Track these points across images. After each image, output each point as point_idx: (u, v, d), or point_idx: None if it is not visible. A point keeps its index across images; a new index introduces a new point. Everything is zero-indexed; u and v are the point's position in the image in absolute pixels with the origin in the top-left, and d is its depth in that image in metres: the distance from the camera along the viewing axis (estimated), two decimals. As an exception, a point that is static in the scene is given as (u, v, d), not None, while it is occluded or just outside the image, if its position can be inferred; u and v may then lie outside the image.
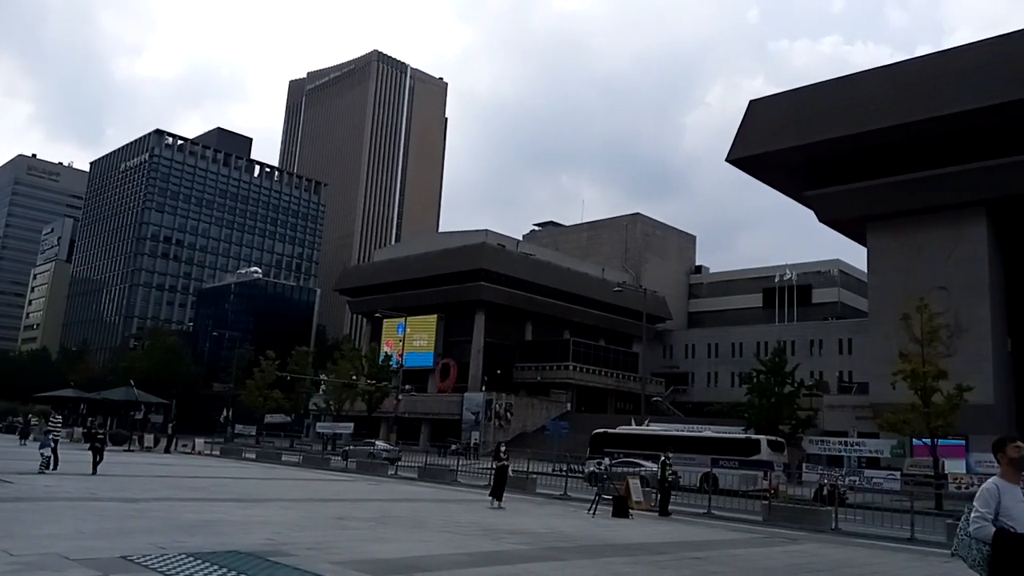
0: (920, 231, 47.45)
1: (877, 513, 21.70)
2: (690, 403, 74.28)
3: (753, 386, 44.53)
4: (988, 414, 41.56)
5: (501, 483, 20.11)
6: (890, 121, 45.71)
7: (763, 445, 33.06)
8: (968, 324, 44.24)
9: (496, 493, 19.91)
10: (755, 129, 52.66)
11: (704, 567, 11.67)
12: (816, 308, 78.70)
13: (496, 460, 20.87)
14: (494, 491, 20.03)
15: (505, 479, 20.51)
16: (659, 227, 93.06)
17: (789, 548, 14.96)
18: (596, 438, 38.84)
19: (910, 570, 12.89)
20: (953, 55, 46.65)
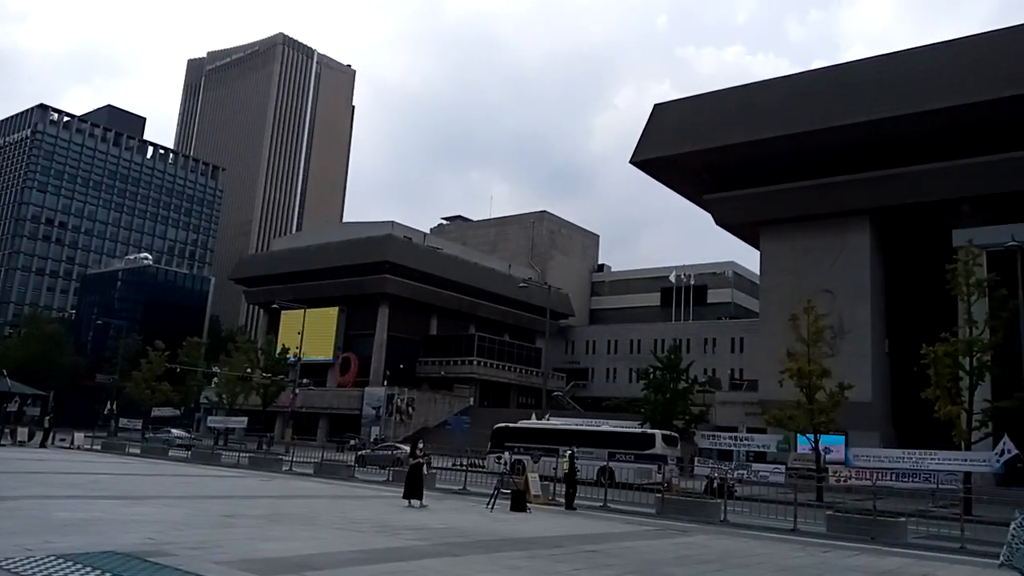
0: (809, 236, 49.83)
1: (763, 505, 22.60)
2: (590, 398, 75.68)
3: (650, 382, 45.69)
4: (866, 411, 44.13)
5: (416, 482, 19.05)
6: (785, 130, 47.75)
7: (658, 439, 33.97)
8: (850, 326, 46.81)
9: (411, 493, 18.80)
10: (658, 133, 53.99)
11: (598, 560, 11.81)
12: (711, 308, 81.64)
13: (412, 457, 19.90)
14: (409, 491, 18.89)
15: (421, 477, 19.37)
16: (565, 225, 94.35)
17: (680, 540, 15.37)
18: (497, 432, 38.96)
19: (792, 559, 13.44)
20: (845, 70, 49.11)
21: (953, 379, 30.11)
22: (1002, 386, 35.60)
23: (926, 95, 43.22)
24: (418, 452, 19.90)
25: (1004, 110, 41.41)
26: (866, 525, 18.65)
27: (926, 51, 45.94)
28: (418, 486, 18.97)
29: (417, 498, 18.74)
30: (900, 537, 18.22)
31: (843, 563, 13.32)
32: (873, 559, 14.00)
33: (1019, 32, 42.88)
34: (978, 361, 30.36)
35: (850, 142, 46.86)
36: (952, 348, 30.31)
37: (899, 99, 44.00)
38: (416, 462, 19.58)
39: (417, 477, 19.16)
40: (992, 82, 41.26)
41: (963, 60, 43.25)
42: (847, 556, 14.31)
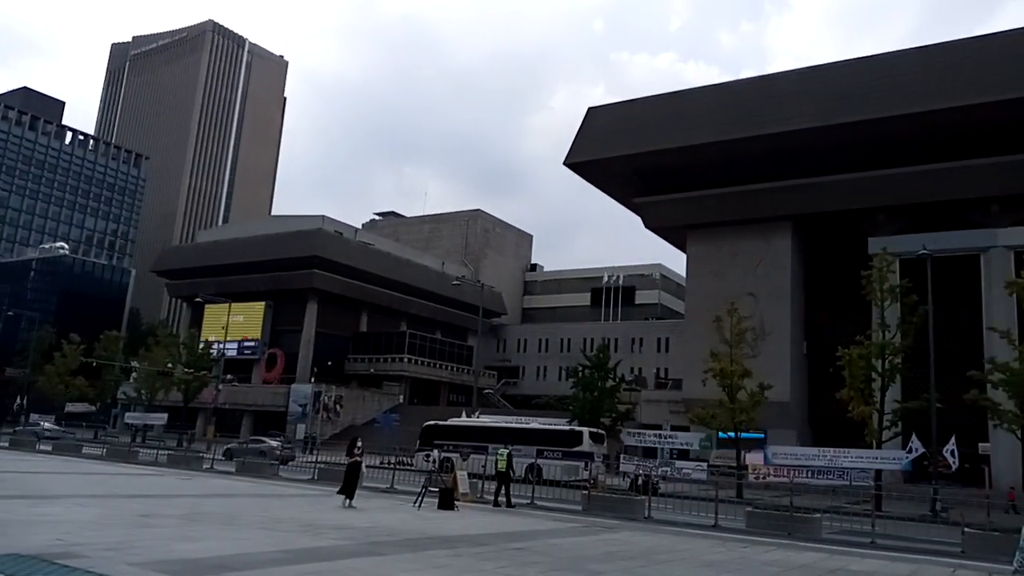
0: (734, 241, 51.22)
1: (686, 502, 23.11)
2: (520, 396, 76.07)
3: (579, 380, 46.23)
4: (784, 410, 45.66)
5: (352, 480, 18.63)
6: (713, 137, 48.93)
7: (585, 437, 34.34)
8: (771, 328, 48.32)
9: (346, 491, 18.44)
10: (591, 136, 54.61)
11: (524, 557, 11.87)
12: (639, 308, 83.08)
13: (349, 455, 19.36)
14: (344, 488, 18.52)
15: (358, 476, 18.97)
16: (499, 224, 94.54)
17: (605, 536, 15.59)
18: (427, 430, 38.77)
19: (713, 554, 13.79)
20: (771, 81, 50.65)
21: (866, 380, 31.45)
22: (911, 388, 37.39)
23: (845, 108, 44.92)
24: (356, 451, 19.41)
25: (917, 124, 43.40)
26: (783, 521, 19.30)
27: (845, 66, 47.76)
28: (352, 485, 18.60)
29: (349, 496, 18.39)
30: (815, 533, 18.91)
31: (761, 558, 13.74)
32: (789, 554, 14.48)
33: (932, 50, 44.98)
34: (890, 363, 31.79)
35: (775, 150, 48.33)
36: (866, 351, 31.66)
37: (821, 111, 45.63)
38: (354, 460, 19.13)
39: (354, 476, 18.77)
40: (907, 97, 43.17)
41: (879, 76, 45.11)
42: (765, 551, 14.77)
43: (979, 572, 13.53)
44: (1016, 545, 5.65)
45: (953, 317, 43.41)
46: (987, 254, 43.27)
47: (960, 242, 43.45)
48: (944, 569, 13.71)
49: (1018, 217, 43.46)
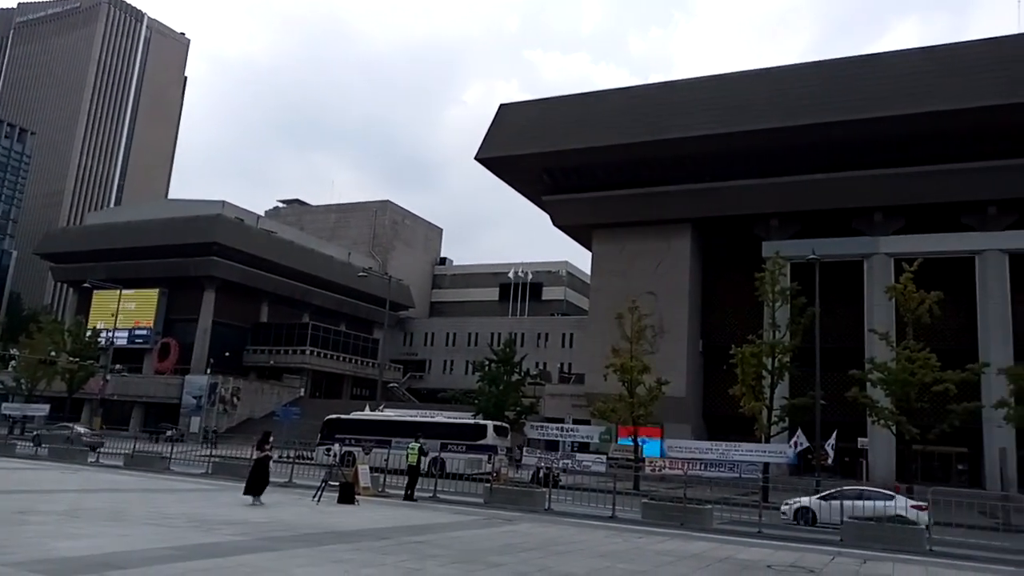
0: (637, 241, 52.56)
1: (585, 494, 23.60)
2: (425, 389, 75.74)
3: (485, 374, 46.44)
4: (680, 405, 47.24)
5: (260, 477, 17.61)
6: (619, 139, 49.99)
7: (489, 430, 34.59)
8: (670, 326, 49.84)
9: (253, 489, 17.45)
10: (503, 132, 54.84)
11: (425, 551, 11.87)
12: (545, 304, 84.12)
13: (259, 450, 18.33)
14: (251, 486, 17.51)
15: (266, 473, 17.90)
16: (408, 216, 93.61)
17: (505, 528, 15.75)
18: (328, 424, 38.14)
19: (610, 545, 14.16)
20: (676, 87, 52.11)
21: (757, 378, 32.93)
22: (798, 385, 39.38)
23: (744, 117, 46.71)
24: (266, 446, 18.40)
25: (809, 135, 45.64)
26: (677, 512, 20.01)
27: (745, 76, 49.65)
28: (262, 482, 17.63)
29: (255, 494, 17.40)
30: (706, 523, 19.70)
31: (655, 548, 14.20)
32: (682, 544, 15.02)
33: (826, 65, 47.37)
34: (779, 362, 33.39)
35: (677, 155, 49.83)
36: (757, 349, 33.13)
37: (721, 119, 47.30)
38: (263, 455, 18.14)
39: (263, 472, 17.80)
40: (800, 109, 45.33)
41: (776, 87, 47.16)
42: (659, 541, 15.27)
43: (856, 559, 14.41)
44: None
45: (838, 319, 46.01)
46: (870, 260, 46.00)
47: (846, 248, 46.04)
48: (824, 557, 14.52)
49: (899, 226, 46.37)
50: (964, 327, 44.08)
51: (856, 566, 13.40)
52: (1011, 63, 41.59)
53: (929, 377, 29.14)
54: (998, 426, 36.21)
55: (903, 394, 29.62)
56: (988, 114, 41.31)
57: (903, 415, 29.59)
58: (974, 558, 16.57)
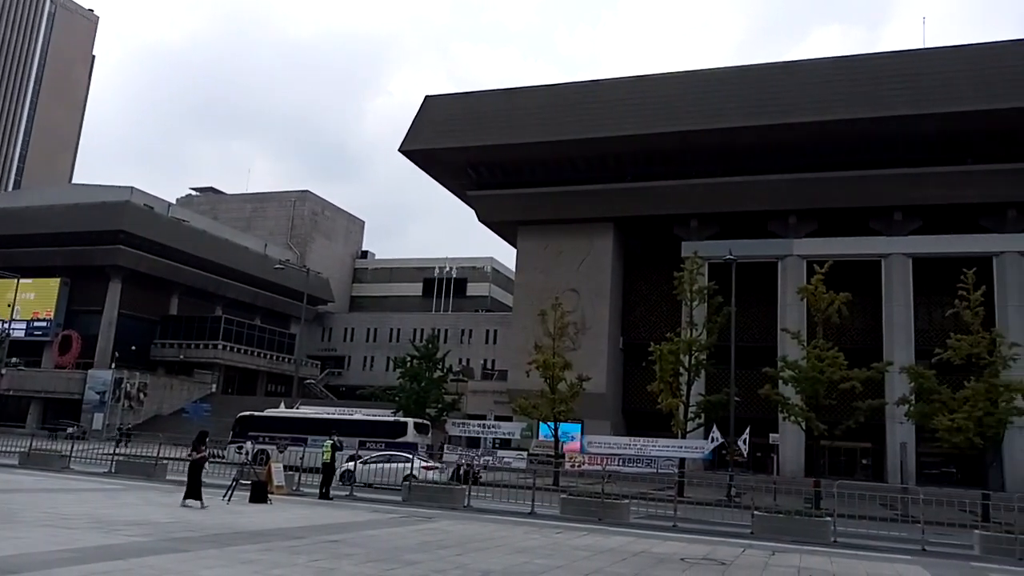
0: (561, 238, 52.97)
1: (505, 490, 23.56)
2: (344, 386, 74.42)
3: (406, 371, 45.95)
4: (600, 401, 47.87)
5: (194, 480, 16.85)
6: (544, 137, 50.20)
7: (410, 427, 34.26)
8: (592, 323, 50.46)
9: (194, 492, 16.67)
10: (428, 125, 54.30)
11: (339, 550, 11.54)
12: (470, 300, 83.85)
13: (195, 452, 17.47)
14: (191, 491, 16.71)
15: (199, 475, 17.05)
16: (329, 207, 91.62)
17: (423, 526, 15.52)
18: (241, 421, 37.05)
19: (528, 541, 14.10)
20: (600, 86, 52.53)
21: (675, 374, 33.63)
22: (714, 382, 40.43)
23: (664, 118, 47.63)
24: (203, 447, 17.62)
25: (727, 138, 46.91)
26: (595, 507, 20.16)
27: (665, 78, 50.54)
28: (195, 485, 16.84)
29: (196, 498, 16.62)
30: (623, 518, 19.92)
31: (573, 543, 14.23)
32: (599, 538, 15.11)
33: (751, 70, 48.72)
34: (696, 359, 34.17)
35: (601, 154, 50.45)
36: (675, 347, 33.82)
37: (642, 119, 48.06)
38: (199, 457, 17.41)
39: (197, 475, 17.02)
40: (718, 112, 46.51)
41: (695, 90, 48.22)
42: (577, 536, 15.32)
43: (765, 551, 14.79)
44: None
45: (753, 318, 47.49)
46: (784, 262, 47.63)
47: (761, 250, 47.53)
48: (735, 549, 14.86)
49: (812, 229, 48.13)
50: (870, 327, 46.18)
51: (765, 558, 13.75)
52: (917, 76, 43.69)
53: (837, 375, 30.27)
54: (899, 422, 38.10)
55: (812, 391, 30.69)
56: (895, 124, 43.34)
57: (812, 412, 30.66)
58: (875, 548, 17.28)
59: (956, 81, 42.55)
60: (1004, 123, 42.00)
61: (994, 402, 28.42)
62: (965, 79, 42.46)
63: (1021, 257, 43.71)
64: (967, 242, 44.38)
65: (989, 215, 44.85)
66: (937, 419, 29.00)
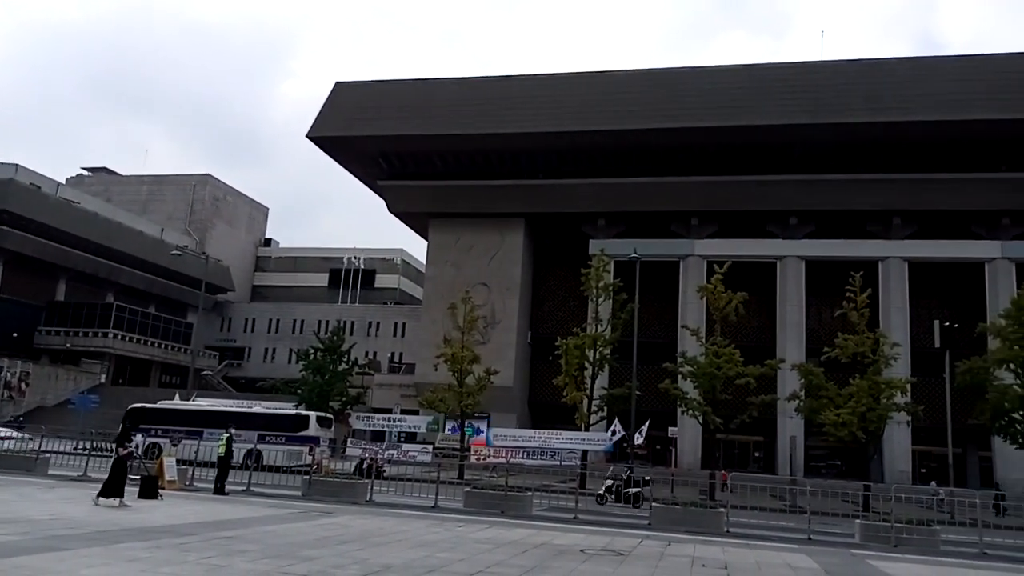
0: (472, 232, 52.94)
1: (409, 484, 23.37)
2: (244, 378, 72.11)
3: (309, 363, 44.97)
4: (507, 395, 48.18)
5: (119, 477, 16.01)
6: (457, 130, 50.02)
7: (312, 421, 33.56)
8: (501, 317, 50.72)
9: (115, 491, 15.75)
10: (338, 111, 53.15)
11: (233, 546, 11.14)
12: (378, 292, 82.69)
13: (122, 447, 16.65)
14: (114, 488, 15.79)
15: (125, 472, 16.26)
16: (231, 192, 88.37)
17: (323, 521, 15.19)
18: (133, 413, 35.35)
19: (430, 534, 14.02)
20: (512, 81, 52.72)
21: (580, 368, 34.21)
22: (617, 376, 41.36)
23: (575, 117, 48.22)
24: (128, 443, 16.94)
25: (634, 140, 47.95)
26: (498, 500, 20.26)
27: (580, 77, 51.19)
28: (122, 482, 16.07)
29: (119, 495, 15.80)
30: (526, 510, 20.11)
31: (475, 536, 14.23)
32: (502, 531, 15.17)
33: (657, 74, 49.92)
34: (600, 354, 34.87)
35: (513, 149, 50.67)
36: (581, 341, 34.41)
37: (554, 117, 48.52)
38: (127, 452, 16.67)
39: (122, 471, 16.23)
40: (628, 114, 47.47)
41: (606, 91, 49.02)
42: (480, 529, 15.33)
43: (662, 541, 15.20)
44: None
45: (656, 315, 48.84)
46: (685, 261, 49.11)
47: (664, 249, 48.87)
48: (633, 540, 15.21)
49: (713, 231, 49.81)
50: (765, 326, 48.23)
51: (662, 548, 14.13)
52: (815, 87, 45.78)
53: (733, 371, 31.51)
54: (790, 417, 39.94)
55: (709, 387, 31.84)
56: (793, 131, 45.33)
57: (709, 406, 31.81)
58: (765, 537, 18.05)
59: (849, 93, 44.88)
60: (893, 134, 44.57)
61: (876, 398, 30.21)
62: (857, 91, 44.84)
63: (903, 262, 46.51)
64: (856, 247, 46.92)
65: (877, 221, 47.56)
66: (824, 414, 30.59)
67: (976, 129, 43.24)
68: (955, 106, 43.07)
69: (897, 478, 40.01)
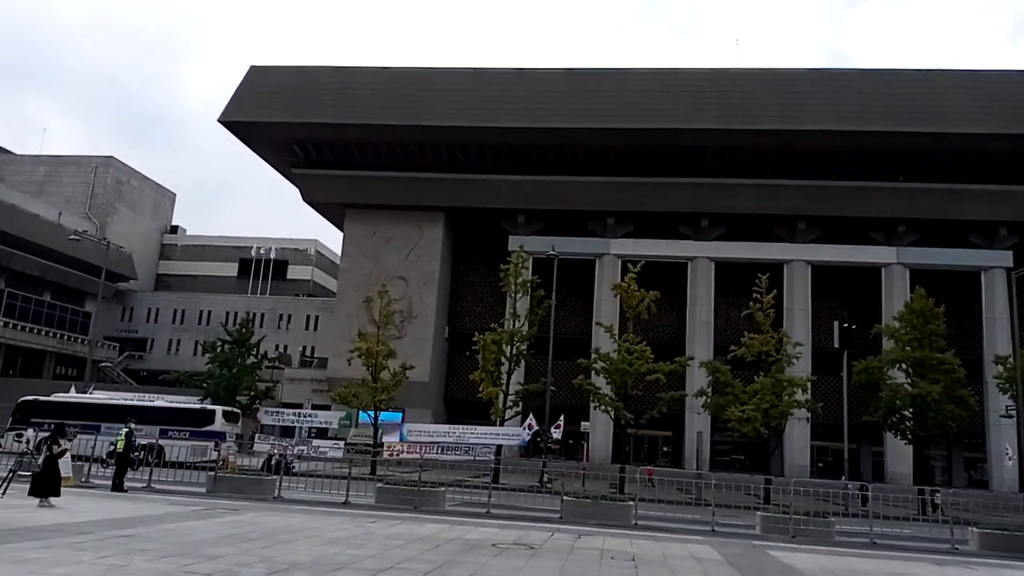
0: (390, 225, 52.26)
1: (320, 480, 22.95)
2: (146, 371, 69.17)
3: (216, 356, 43.55)
4: (423, 390, 47.89)
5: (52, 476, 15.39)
6: (376, 120, 49.22)
7: (218, 416, 32.65)
8: (418, 311, 50.32)
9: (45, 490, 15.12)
10: (252, 95, 51.52)
11: (131, 545, 10.67)
12: (291, 284, 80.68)
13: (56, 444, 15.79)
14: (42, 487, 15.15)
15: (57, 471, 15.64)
16: (136, 176, 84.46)
17: (228, 519, 14.74)
18: (23, 406, 33.52)
19: (340, 531, 13.78)
20: (434, 74, 52.18)
21: (496, 364, 34.35)
22: (533, 372, 41.71)
23: (498, 113, 48.26)
24: (63, 440, 16.26)
25: (554, 138, 48.41)
26: (411, 496, 20.13)
27: (502, 74, 51.22)
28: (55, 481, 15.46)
29: (55, 495, 15.25)
30: (439, 505, 20.04)
31: (386, 532, 14.08)
32: (413, 526, 15.06)
33: (576, 74, 50.41)
34: (517, 349, 35.08)
35: (434, 142, 50.30)
36: (498, 337, 34.55)
37: (475, 112, 48.38)
38: (61, 450, 15.98)
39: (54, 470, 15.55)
40: (548, 112, 47.86)
41: (528, 88, 49.24)
42: (391, 525, 15.18)
43: (572, 535, 15.41)
44: None
45: (572, 312, 49.52)
46: (601, 260, 49.91)
47: (581, 247, 49.54)
48: (545, 533, 15.37)
49: (628, 230, 50.75)
50: (675, 324, 49.56)
51: (572, 541, 14.33)
52: (727, 93, 47.26)
53: (644, 368, 32.27)
54: (697, 413, 41.16)
55: (621, 382, 32.52)
56: (708, 136, 46.67)
57: (621, 401, 32.48)
58: (671, 530, 18.56)
59: (759, 101, 46.53)
60: (800, 142, 46.44)
61: (779, 395, 31.50)
62: (767, 99, 46.54)
63: (807, 265, 48.60)
64: (762, 250, 48.74)
65: (783, 225, 49.49)
66: (730, 410, 31.70)
67: (875, 140, 45.58)
68: (856, 118, 45.27)
69: (796, 472, 41.79)
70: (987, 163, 46.41)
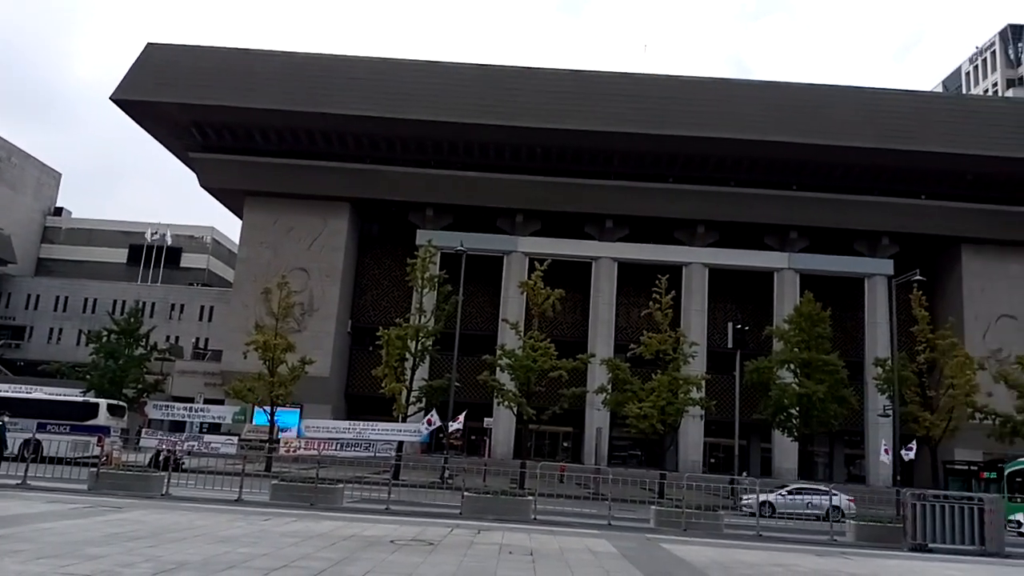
0: (292, 214, 50.79)
1: (211, 477, 22.12)
2: (23, 361, 64.88)
3: (101, 346, 41.36)
4: (323, 385, 46.86)
5: None
6: (277, 105, 47.62)
7: (102, 409, 31.05)
8: (320, 304, 49.15)
9: None
10: (148, 74, 48.98)
11: (3, 546, 9.95)
12: (184, 272, 77.32)
13: None
14: None
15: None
16: (17, 153, 79.02)
17: (111, 517, 13.98)
18: None
19: (232, 529, 13.30)
20: (336, 61, 50.53)
21: (401, 359, 34.04)
22: (438, 368, 41.53)
23: (407, 104, 47.61)
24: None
25: (467, 133, 48.26)
26: (308, 492, 19.66)
27: (411, 65, 50.51)
28: None
29: None
30: (337, 502, 19.66)
31: (281, 529, 13.69)
32: (309, 524, 14.70)
33: (491, 70, 50.40)
34: (422, 345, 34.85)
35: (338, 131, 49.20)
36: (403, 332, 34.22)
37: (384, 102, 47.59)
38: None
39: None
40: (462, 107, 47.67)
41: (438, 81, 48.80)
42: (286, 523, 14.77)
43: (471, 530, 15.40)
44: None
45: (479, 308, 49.55)
46: (509, 257, 50.16)
47: (490, 244, 49.61)
48: (444, 528, 15.30)
49: (536, 229, 51.17)
50: (579, 322, 50.37)
51: (471, 536, 14.33)
52: (639, 98, 48.21)
53: (547, 364, 32.68)
54: (597, 409, 42.02)
55: (525, 379, 32.83)
56: (617, 139, 47.50)
57: (524, 397, 32.77)
58: (569, 524, 18.84)
59: (667, 106, 47.77)
60: (703, 148, 47.96)
61: (675, 393, 32.51)
62: (672, 105, 47.83)
63: (704, 268, 50.33)
64: (663, 252, 50.16)
65: (683, 229, 51.06)
66: (628, 407, 32.51)
67: (771, 150, 47.62)
68: (754, 127, 47.13)
69: (690, 467, 43.26)
70: (871, 175, 49.28)
